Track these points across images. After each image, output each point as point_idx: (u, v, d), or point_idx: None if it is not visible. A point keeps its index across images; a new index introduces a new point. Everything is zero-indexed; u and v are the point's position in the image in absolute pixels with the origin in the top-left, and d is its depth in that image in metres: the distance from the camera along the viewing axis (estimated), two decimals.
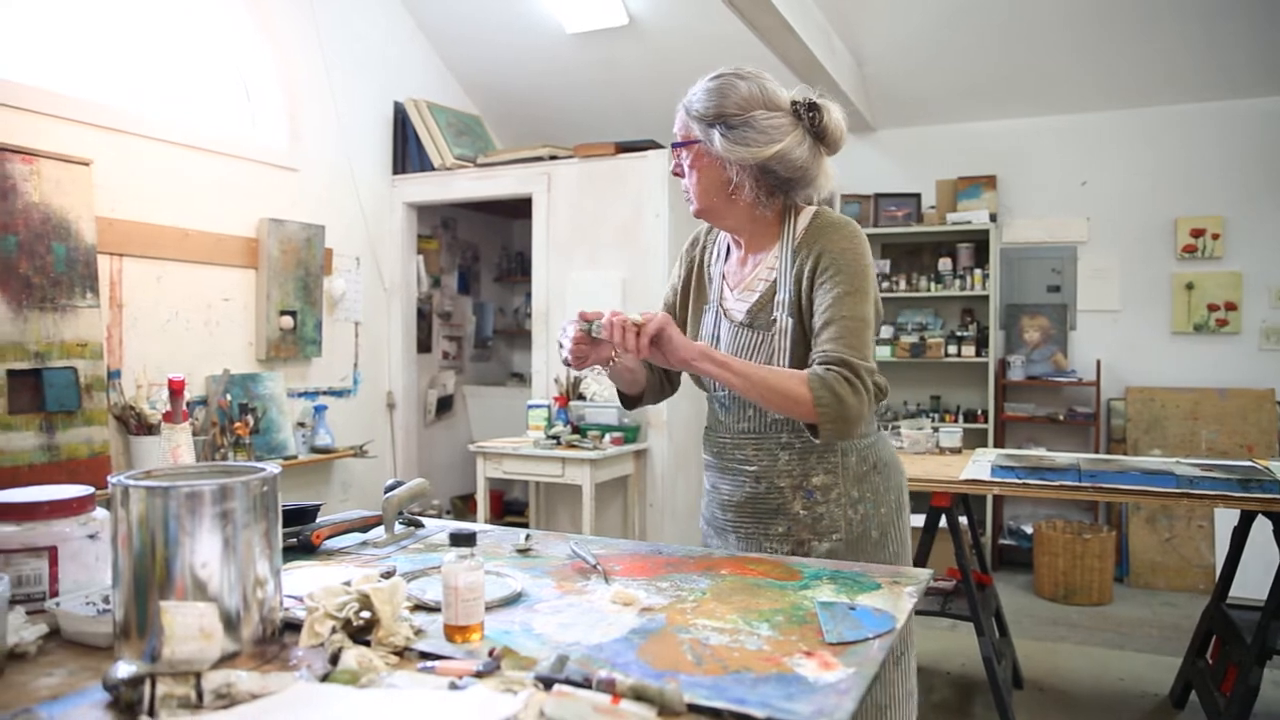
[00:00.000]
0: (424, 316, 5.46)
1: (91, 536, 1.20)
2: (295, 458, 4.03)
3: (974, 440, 4.43)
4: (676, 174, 1.66)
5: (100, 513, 1.24)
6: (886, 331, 5.37)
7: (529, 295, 5.25)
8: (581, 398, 4.24)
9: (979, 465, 3.09)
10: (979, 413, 5.15)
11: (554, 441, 3.97)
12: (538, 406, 4.19)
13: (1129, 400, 4.92)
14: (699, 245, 1.80)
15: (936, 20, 4.54)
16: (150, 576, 0.99)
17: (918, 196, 5.37)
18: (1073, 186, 5.14)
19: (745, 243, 1.68)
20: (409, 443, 4.98)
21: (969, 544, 3.32)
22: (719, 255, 1.74)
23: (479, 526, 1.75)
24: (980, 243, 5.20)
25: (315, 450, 4.20)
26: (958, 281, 5.21)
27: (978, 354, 5.12)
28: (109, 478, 1.04)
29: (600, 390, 4.25)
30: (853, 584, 1.34)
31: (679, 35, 4.80)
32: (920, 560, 3.03)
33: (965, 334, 5.18)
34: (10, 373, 3.00)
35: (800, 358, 1.56)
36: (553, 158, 4.57)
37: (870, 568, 1.45)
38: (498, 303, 6.46)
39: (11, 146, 3.05)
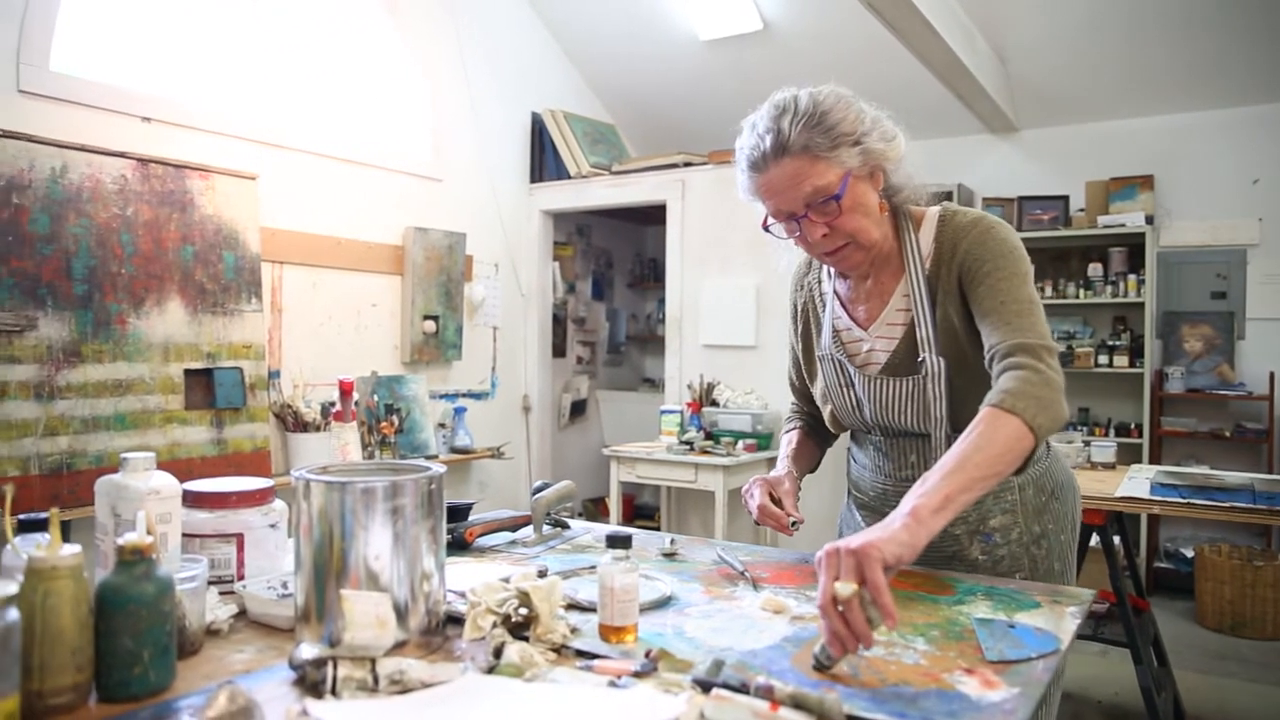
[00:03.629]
0: (559, 322, 5.58)
1: (272, 525, 1.28)
2: (436, 457, 4.18)
3: (1128, 456, 4.19)
4: (821, 234, 1.36)
5: (278, 504, 1.32)
6: None
7: (661, 301, 5.30)
8: (715, 404, 4.24)
9: (1136, 482, 2.93)
10: (1132, 427, 4.86)
11: (687, 447, 3.98)
12: (671, 412, 4.22)
13: None
14: (804, 285, 1.61)
15: (1086, 11, 4.32)
16: (328, 565, 1.05)
17: (1065, 199, 5.12)
18: (1242, 185, 4.79)
19: (876, 274, 1.47)
20: (543, 445, 5.10)
21: (1123, 566, 3.14)
22: (823, 294, 1.56)
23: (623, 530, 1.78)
24: (1135, 246, 4.91)
25: (454, 450, 4.36)
26: (1109, 288, 4.94)
27: (1131, 364, 4.84)
28: (291, 472, 1.11)
29: (734, 397, 4.24)
30: (1009, 601, 1.29)
31: (813, 39, 4.75)
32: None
33: (1117, 343, 4.90)
34: (187, 372, 3.24)
35: (960, 395, 1.40)
36: (687, 164, 4.59)
37: (1027, 585, 1.40)
38: (630, 309, 6.53)
39: (191, 164, 3.31)
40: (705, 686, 0.93)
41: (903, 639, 1.12)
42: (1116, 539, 3.04)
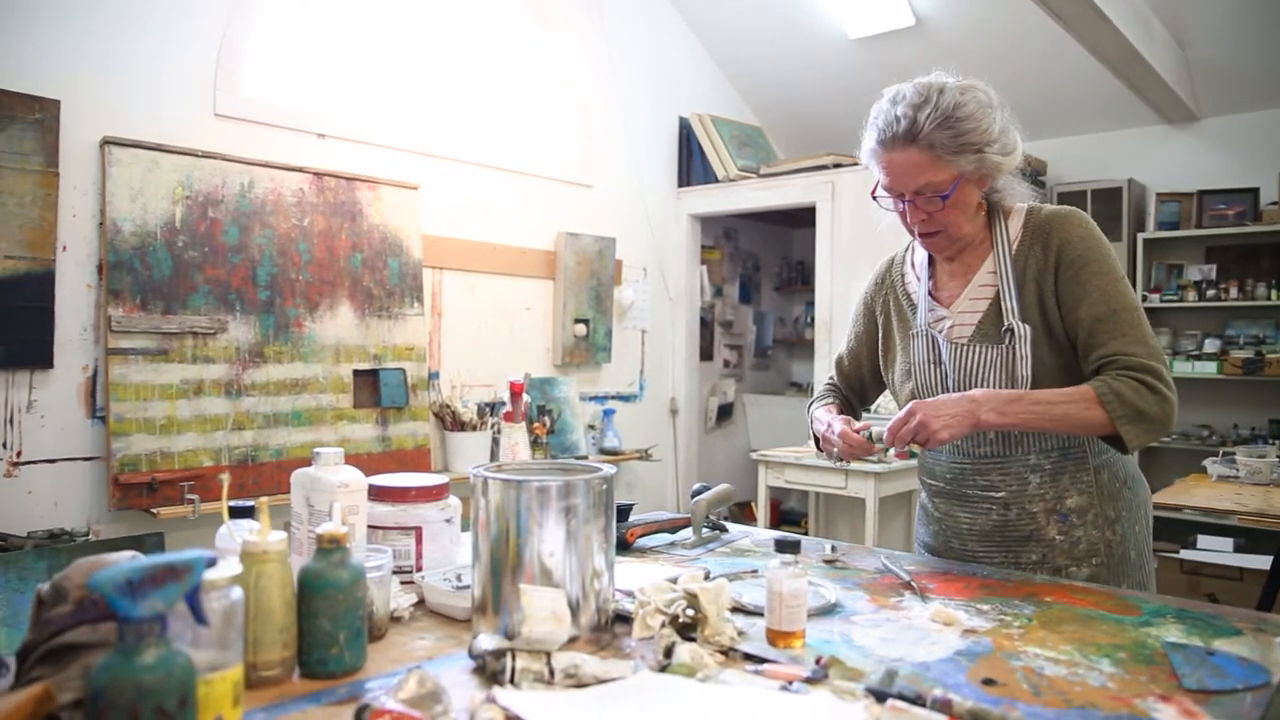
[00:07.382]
0: (706, 325, 5.59)
1: (448, 520, 1.34)
2: (586, 458, 4.26)
3: None
4: (920, 219, 1.49)
5: (453, 499, 1.38)
6: (1212, 345, 4.77)
7: (809, 304, 5.23)
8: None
9: None
10: None
11: None
12: None
13: None
14: (886, 282, 1.74)
15: None
16: (505, 560, 1.09)
17: (1254, 191, 4.72)
18: None
19: (961, 256, 1.58)
20: (690, 448, 5.11)
21: None
22: (913, 280, 1.67)
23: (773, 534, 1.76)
24: None
25: (603, 452, 4.43)
26: None
27: None
28: (470, 469, 1.16)
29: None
30: (1205, 626, 1.20)
31: (969, 34, 4.57)
32: (1265, 605, 2.67)
33: None
34: (355, 372, 3.43)
35: (1044, 362, 1.47)
36: (836, 166, 4.51)
37: (1225, 610, 1.30)
38: (778, 312, 6.47)
39: (360, 176, 3.50)
40: (879, 696, 0.92)
41: (1086, 659, 1.07)
42: None
